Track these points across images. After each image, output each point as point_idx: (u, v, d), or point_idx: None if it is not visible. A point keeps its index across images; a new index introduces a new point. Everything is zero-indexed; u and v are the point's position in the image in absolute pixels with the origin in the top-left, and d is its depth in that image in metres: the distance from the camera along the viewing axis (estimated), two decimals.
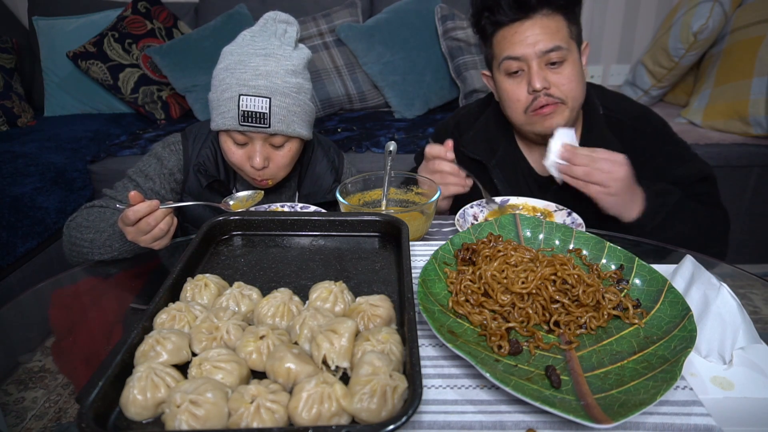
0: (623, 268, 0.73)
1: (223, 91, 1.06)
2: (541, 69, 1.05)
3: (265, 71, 1.05)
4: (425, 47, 2.42)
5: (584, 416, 0.48)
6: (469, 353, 0.55)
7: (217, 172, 1.18)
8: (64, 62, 2.44)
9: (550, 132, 1.06)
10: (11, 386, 0.74)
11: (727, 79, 2.09)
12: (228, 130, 1.08)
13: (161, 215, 0.91)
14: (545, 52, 1.03)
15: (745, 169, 2.02)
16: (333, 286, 0.64)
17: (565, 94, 1.06)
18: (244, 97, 1.03)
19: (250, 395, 0.47)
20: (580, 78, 1.08)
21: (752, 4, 2.10)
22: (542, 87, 1.05)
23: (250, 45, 1.07)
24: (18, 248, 1.69)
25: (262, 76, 1.04)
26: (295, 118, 1.09)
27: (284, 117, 1.06)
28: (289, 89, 1.07)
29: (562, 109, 1.08)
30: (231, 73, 1.06)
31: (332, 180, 1.26)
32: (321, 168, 1.26)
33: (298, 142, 1.14)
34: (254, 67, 1.05)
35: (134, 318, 0.86)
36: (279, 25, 1.10)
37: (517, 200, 1.06)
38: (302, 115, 1.11)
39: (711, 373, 0.61)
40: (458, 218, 1.01)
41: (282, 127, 1.07)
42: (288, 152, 1.12)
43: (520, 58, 1.05)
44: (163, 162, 1.18)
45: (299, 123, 1.10)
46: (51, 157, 2.01)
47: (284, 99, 1.06)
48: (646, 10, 2.65)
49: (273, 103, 1.05)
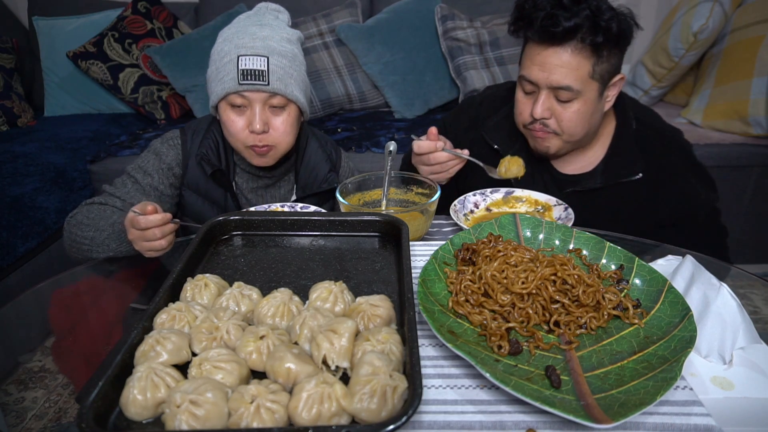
0: (623, 268, 0.73)
1: (221, 59, 1.09)
2: (548, 99, 1.04)
3: (261, 36, 1.09)
4: (425, 47, 2.42)
5: (584, 416, 0.48)
6: (469, 353, 0.55)
7: (219, 162, 1.18)
8: (64, 62, 2.44)
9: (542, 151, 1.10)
10: (11, 386, 0.74)
11: (727, 79, 2.09)
12: (227, 94, 1.08)
13: (168, 230, 0.92)
14: (555, 88, 1.02)
15: (745, 169, 2.02)
16: (333, 286, 0.64)
17: (563, 129, 1.06)
18: (243, 57, 1.06)
19: (250, 395, 0.47)
20: (587, 116, 1.05)
21: (752, 4, 2.10)
22: (541, 117, 1.05)
23: (246, 20, 1.12)
24: (18, 248, 1.69)
25: (260, 39, 1.08)
26: (292, 81, 1.11)
27: (282, 76, 1.08)
28: (285, 52, 1.10)
29: (556, 140, 1.08)
30: (229, 41, 1.09)
31: (327, 169, 1.26)
32: (316, 158, 1.27)
33: (296, 111, 1.15)
34: (252, 33, 1.09)
35: (134, 318, 0.86)
36: (271, 12, 1.15)
37: (521, 192, 1.07)
38: (299, 80, 1.13)
39: (711, 373, 0.61)
40: (456, 204, 1.01)
41: (280, 86, 1.08)
42: (287, 118, 1.12)
43: (533, 82, 1.04)
44: (162, 157, 1.18)
45: (296, 87, 1.12)
46: (51, 157, 2.01)
47: (281, 59, 1.09)
48: (646, 10, 2.65)
49: (271, 62, 1.07)
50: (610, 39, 0.99)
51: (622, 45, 1.03)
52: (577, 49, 0.99)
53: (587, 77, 1.01)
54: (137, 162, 1.18)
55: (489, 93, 1.32)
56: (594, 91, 1.03)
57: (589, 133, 1.10)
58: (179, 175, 1.19)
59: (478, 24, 2.41)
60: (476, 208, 1.06)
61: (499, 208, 1.07)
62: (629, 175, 1.09)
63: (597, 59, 1.00)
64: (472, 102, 1.32)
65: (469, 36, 2.37)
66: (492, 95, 1.30)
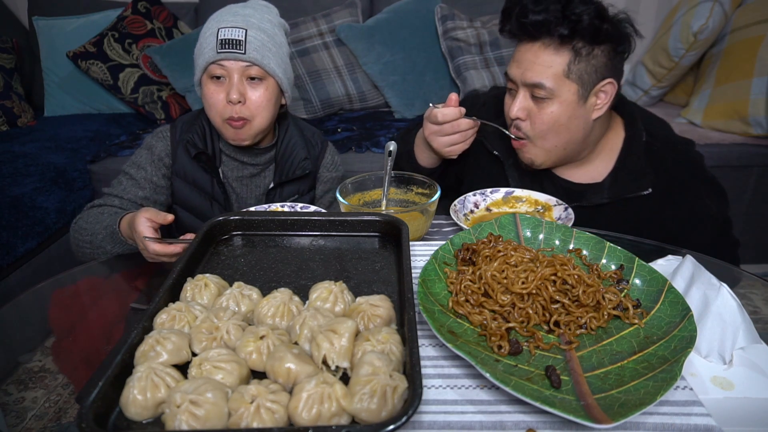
0: (623, 268, 0.73)
1: (203, 34, 1.15)
2: (525, 98, 1.02)
3: (243, 13, 1.15)
4: (425, 47, 2.42)
5: (584, 416, 0.48)
6: (469, 353, 0.55)
7: (205, 147, 1.23)
8: (64, 62, 2.44)
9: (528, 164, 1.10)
10: (11, 386, 0.74)
11: (727, 79, 2.09)
12: (207, 65, 1.13)
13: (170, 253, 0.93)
14: (528, 85, 1.00)
15: (745, 169, 2.02)
16: (333, 286, 0.64)
17: (535, 133, 1.03)
18: (223, 29, 1.11)
19: (250, 395, 0.47)
20: (563, 121, 1.01)
21: (752, 4, 2.10)
22: (515, 117, 1.03)
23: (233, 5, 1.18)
24: (18, 248, 1.69)
25: (241, 16, 1.14)
26: (269, 54, 1.15)
27: (259, 47, 1.13)
28: (264, 26, 1.15)
29: (533, 148, 1.06)
30: (212, 20, 1.16)
31: (303, 156, 1.29)
32: (293, 144, 1.30)
33: (275, 87, 1.19)
34: (234, 11, 1.15)
35: (135, 318, 0.86)
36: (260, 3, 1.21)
37: (521, 192, 1.07)
38: (278, 56, 1.17)
39: (711, 373, 0.61)
40: (456, 204, 1.01)
41: (257, 56, 1.12)
42: (264, 92, 1.16)
43: (512, 79, 1.03)
44: (153, 150, 1.23)
45: (274, 62, 1.16)
46: (51, 157, 2.01)
47: (259, 33, 1.14)
48: (646, 10, 2.65)
49: (249, 34, 1.12)
50: (581, 33, 0.94)
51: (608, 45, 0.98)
52: (548, 44, 0.97)
53: (561, 75, 0.98)
54: (131, 159, 1.23)
55: (492, 95, 1.29)
56: (571, 93, 0.99)
57: (574, 142, 1.05)
58: (169, 164, 1.24)
59: (478, 24, 2.42)
60: (476, 208, 1.06)
61: (499, 208, 1.07)
62: (638, 190, 1.05)
63: (573, 57, 0.97)
64: (476, 101, 1.30)
65: (469, 36, 2.37)
66: (495, 97, 1.27)
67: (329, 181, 1.36)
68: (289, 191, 1.29)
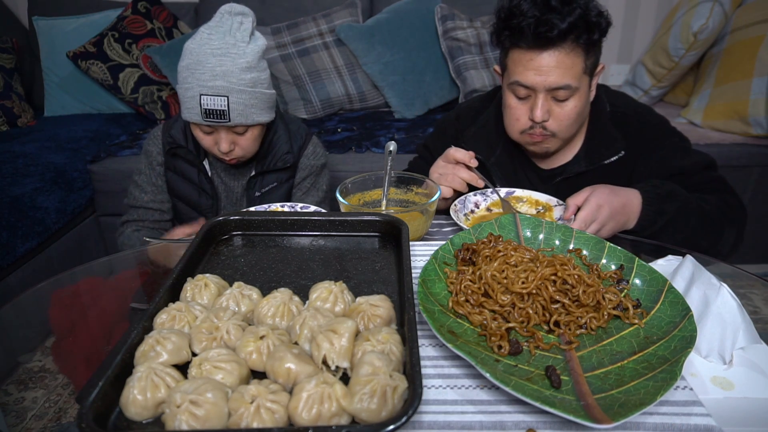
0: (623, 268, 0.73)
1: (186, 90, 1.18)
2: (546, 101, 1.05)
3: (221, 71, 1.15)
4: (425, 47, 2.42)
5: (584, 416, 0.48)
6: (469, 353, 0.55)
7: (186, 143, 1.32)
8: (64, 62, 2.44)
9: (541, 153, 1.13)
10: (11, 386, 0.74)
11: (727, 79, 2.09)
12: (193, 122, 1.22)
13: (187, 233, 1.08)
14: (554, 89, 1.03)
15: (745, 169, 2.02)
16: (333, 286, 0.64)
17: (560, 128, 1.07)
18: (204, 96, 1.15)
19: (250, 395, 0.47)
20: (581, 111, 1.08)
21: (752, 4, 2.10)
22: (542, 120, 1.05)
23: (207, 44, 1.16)
24: (18, 248, 1.69)
25: (219, 77, 1.15)
26: (253, 110, 1.20)
27: (242, 111, 1.18)
28: (244, 86, 1.18)
29: (554, 140, 1.10)
30: (191, 72, 1.17)
31: (285, 150, 1.36)
32: (277, 138, 1.36)
33: (260, 126, 1.28)
34: (211, 68, 1.15)
35: (135, 318, 0.86)
36: (235, 19, 1.18)
37: (522, 192, 1.08)
38: (260, 105, 1.22)
39: (711, 373, 0.61)
40: (456, 204, 1.01)
41: (241, 119, 1.19)
42: (251, 135, 1.25)
43: (529, 87, 1.04)
44: (149, 154, 1.35)
45: (258, 113, 1.22)
46: (51, 157, 2.01)
47: (241, 96, 1.17)
48: (646, 10, 2.65)
49: (231, 101, 1.16)
50: (602, 34, 1.02)
51: None
52: (571, 49, 1.00)
53: (582, 73, 1.03)
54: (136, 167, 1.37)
55: (463, 107, 1.36)
56: (586, 85, 1.07)
57: (582, 124, 1.14)
58: (162, 162, 1.34)
59: (478, 24, 2.42)
60: (476, 208, 1.06)
61: (499, 208, 1.07)
62: (612, 155, 1.13)
63: (587, 54, 1.03)
64: (447, 120, 1.36)
65: (469, 36, 2.37)
66: (466, 108, 1.33)
67: (307, 168, 1.42)
68: (269, 180, 1.37)
